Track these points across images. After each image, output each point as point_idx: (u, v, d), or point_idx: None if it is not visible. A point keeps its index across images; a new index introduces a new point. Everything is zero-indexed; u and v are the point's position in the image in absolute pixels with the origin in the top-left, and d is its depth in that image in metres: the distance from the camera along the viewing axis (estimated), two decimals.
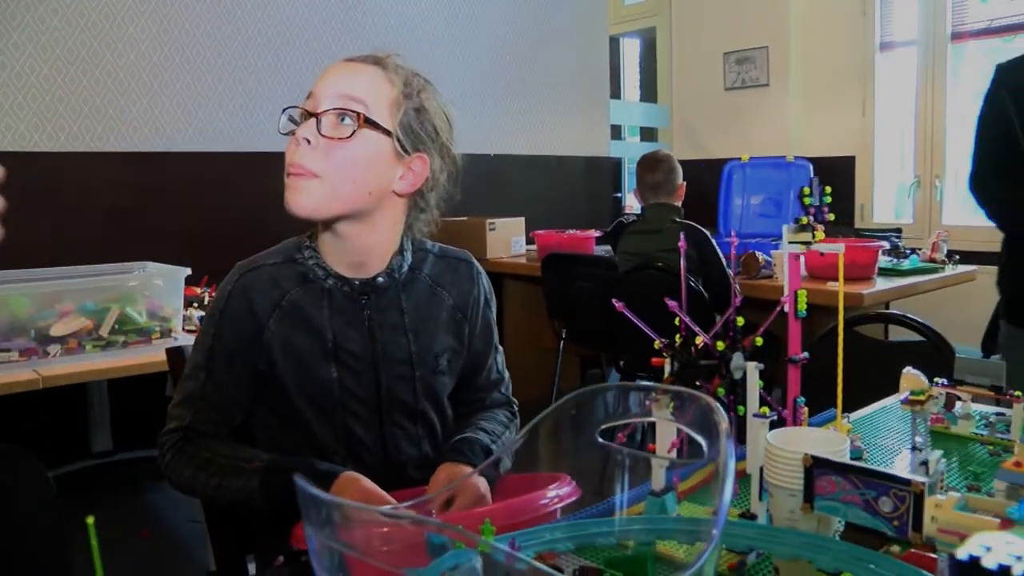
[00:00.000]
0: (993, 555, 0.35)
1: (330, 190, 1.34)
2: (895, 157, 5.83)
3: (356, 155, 1.35)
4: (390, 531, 0.71)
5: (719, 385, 1.05)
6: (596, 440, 0.91)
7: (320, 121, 1.33)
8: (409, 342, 1.47)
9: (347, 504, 0.66)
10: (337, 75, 1.38)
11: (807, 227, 1.30)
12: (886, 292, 3.42)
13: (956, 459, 1.45)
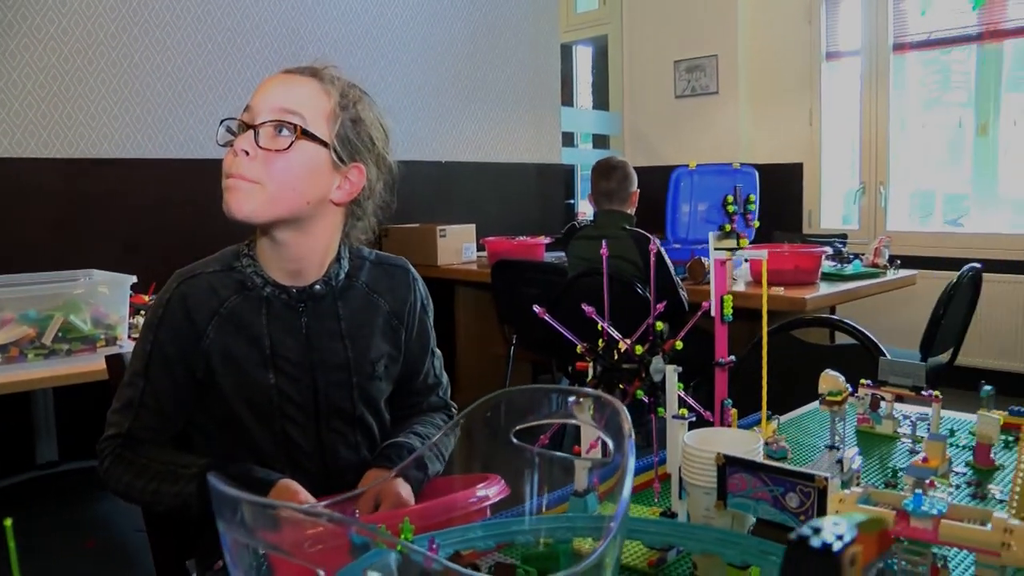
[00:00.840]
0: (819, 535, 0.38)
1: (268, 197, 1.36)
2: (842, 164, 5.95)
3: (293, 166, 1.37)
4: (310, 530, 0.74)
5: (638, 388, 1.08)
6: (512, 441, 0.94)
7: (258, 133, 1.35)
8: (346, 348, 1.49)
9: (262, 502, 0.67)
10: (274, 88, 1.40)
11: (732, 234, 1.33)
12: (829, 297, 3.49)
13: (878, 457, 1.50)
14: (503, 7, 5.28)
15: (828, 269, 3.81)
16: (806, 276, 3.52)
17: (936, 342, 3.59)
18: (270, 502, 0.66)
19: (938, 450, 1.24)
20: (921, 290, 4.45)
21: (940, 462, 1.23)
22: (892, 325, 4.98)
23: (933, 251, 5.17)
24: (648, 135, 6.27)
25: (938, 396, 1.55)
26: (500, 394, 0.91)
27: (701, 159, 5.62)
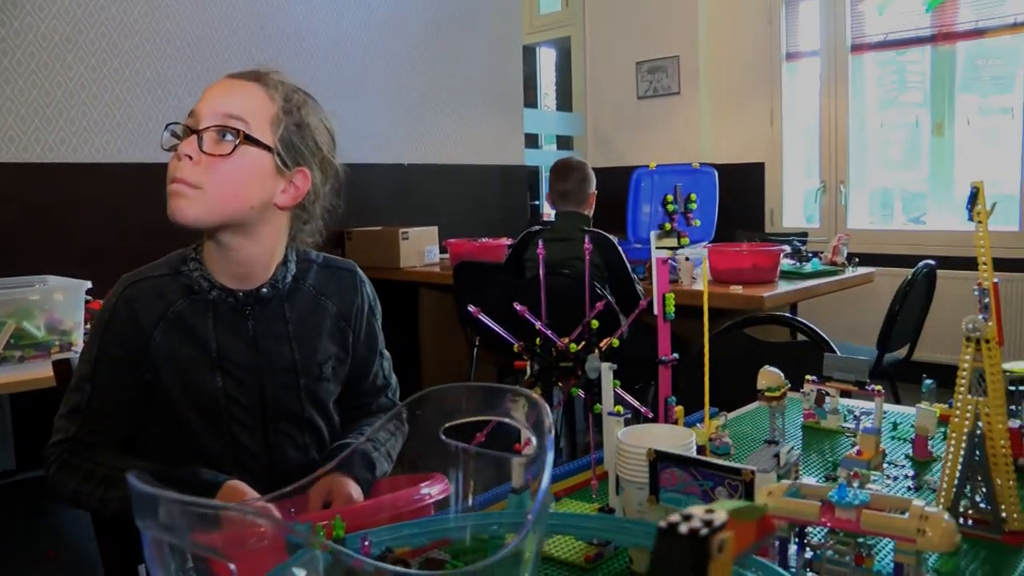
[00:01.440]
0: (688, 522, 0.39)
1: (212, 202, 1.37)
2: (803, 163, 6.02)
3: (237, 170, 1.38)
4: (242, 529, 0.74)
5: (573, 385, 1.09)
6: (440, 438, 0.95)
7: (201, 138, 1.35)
8: (293, 351, 1.50)
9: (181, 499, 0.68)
10: (218, 93, 1.41)
11: (672, 233, 1.34)
12: (787, 295, 3.52)
13: (822, 451, 1.52)
14: (465, 9, 5.29)
15: (787, 267, 3.85)
16: (764, 274, 3.56)
17: (893, 338, 3.64)
18: (191, 500, 0.67)
19: (871, 443, 1.26)
20: (879, 287, 4.51)
21: (873, 454, 1.26)
22: (851, 322, 5.04)
23: (891, 248, 5.24)
24: (611, 136, 6.31)
25: (880, 391, 1.57)
26: (430, 391, 0.92)
27: (663, 159, 5.67)
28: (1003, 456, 1.14)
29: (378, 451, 1.49)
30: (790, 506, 0.93)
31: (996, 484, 1.15)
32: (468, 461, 1.00)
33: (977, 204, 1.16)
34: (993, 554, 1.12)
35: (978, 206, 1.16)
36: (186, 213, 1.36)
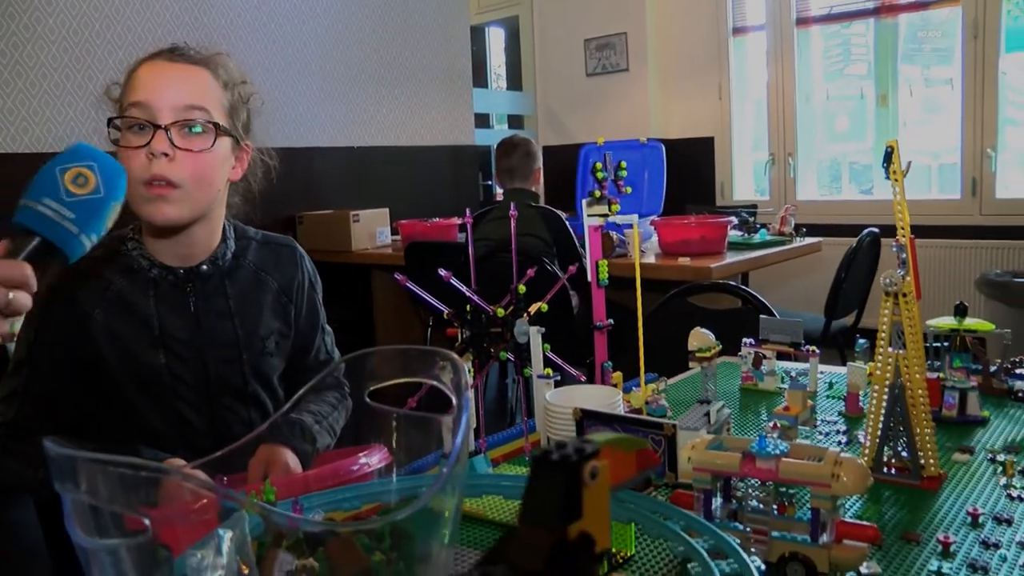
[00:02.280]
0: (561, 451, 0.41)
1: (193, 199, 1.39)
2: (752, 136, 6.07)
3: (213, 163, 1.41)
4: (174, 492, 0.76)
5: (502, 349, 1.11)
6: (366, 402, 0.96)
7: (169, 132, 1.35)
8: (235, 327, 1.51)
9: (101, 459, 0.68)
10: (172, 83, 1.39)
11: (603, 200, 1.36)
12: (735, 265, 3.56)
13: (759, 412, 1.56)
14: None
15: (735, 239, 3.89)
16: (713, 246, 3.59)
17: (839, 305, 3.71)
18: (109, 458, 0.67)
19: (798, 398, 1.30)
20: (827, 256, 4.57)
21: (800, 409, 1.29)
22: (800, 290, 5.12)
23: (839, 219, 5.31)
24: (561, 114, 6.32)
25: (814, 351, 1.62)
26: (353, 356, 0.93)
27: (614, 136, 5.69)
28: (922, 406, 1.18)
29: (320, 424, 1.50)
30: (712, 458, 0.95)
31: (915, 433, 1.18)
32: (399, 426, 1.01)
33: (893, 164, 1.19)
34: (912, 498, 1.16)
35: (893, 166, 1.19)
36: (170, 215, 1.37)
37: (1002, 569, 0.97)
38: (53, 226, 1.00)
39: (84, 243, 1.04)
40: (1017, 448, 1.33)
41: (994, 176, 4.99)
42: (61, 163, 1.03)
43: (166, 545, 0.83)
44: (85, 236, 1.03)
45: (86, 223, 1.03)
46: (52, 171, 1.02)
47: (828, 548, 0.92)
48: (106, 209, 1.06)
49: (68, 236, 1.02)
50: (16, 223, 1.01)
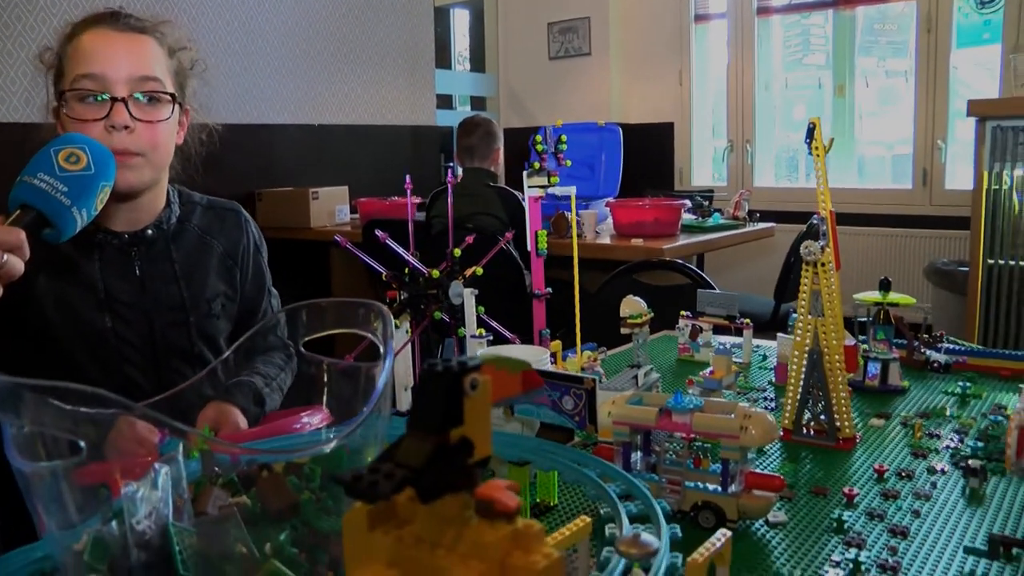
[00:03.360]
0: (446, 363, 0.45)
1: (154, 166, 1.44)
2: (711, 123, 6.15)
3: (169, 131, 1.46)
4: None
5: (436, 309, 1.15)
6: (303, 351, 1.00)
7: (127, 104, 1.38)
8: (181, 289, 1.53)
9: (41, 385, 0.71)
10: (122, 53, 1.41)
11: (542, 172, 1.40)
12: (688, 246, 3.64)
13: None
14: None
15: (689, 222, 3.96)
16: (666, 228, 3.66)
17: (789, 289, 3.79)
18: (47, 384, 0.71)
19: (722, 363, 1.36)
20: (780, 242, 4.65)
21: (725, 373, 1.35)
22: (752, 274, 5.21)
23: (794, 206, 5.39)
24: (523, 96, 6.35)
25: (748, 323, 1.67)
26: (286, 309, 0.97)
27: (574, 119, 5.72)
28: (839, 371, 1.24)
29: (269, 386, 1.53)
30: (631, 412, 1.01)
31: (832, 397, 1.25)
32: (331, 379, 1.05)
33: (815, 140, 1.25)
34: (828, 458, 1.22)
35: (816, 142, 1.24)
36: (133, 182, 1.42)
37: (896, 515, 1.03)
38: (47, 198, 1.11)
39: (75, 217, 1.14)
40: (929, 414, 1.40)
41: (944, 168, 5.10)
42: (55, 145, 1.16)
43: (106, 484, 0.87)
44: (76, 210, 1.14)
45: (78, 197, 1.15)
46: (47, 152, 1.15)
47: (737, 497, 0.97)
48: (96, 187, 1.17)
49: (60, 208, 1.12)
50: (13, 197, 1.12)
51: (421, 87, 5.56)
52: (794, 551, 0.95)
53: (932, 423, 1.36)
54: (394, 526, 0.48)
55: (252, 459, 0.92)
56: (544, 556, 0.45)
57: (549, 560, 0.45)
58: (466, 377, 0.45)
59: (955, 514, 1.04)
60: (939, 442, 1.27)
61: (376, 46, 5.27)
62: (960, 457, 1.19)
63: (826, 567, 0.91)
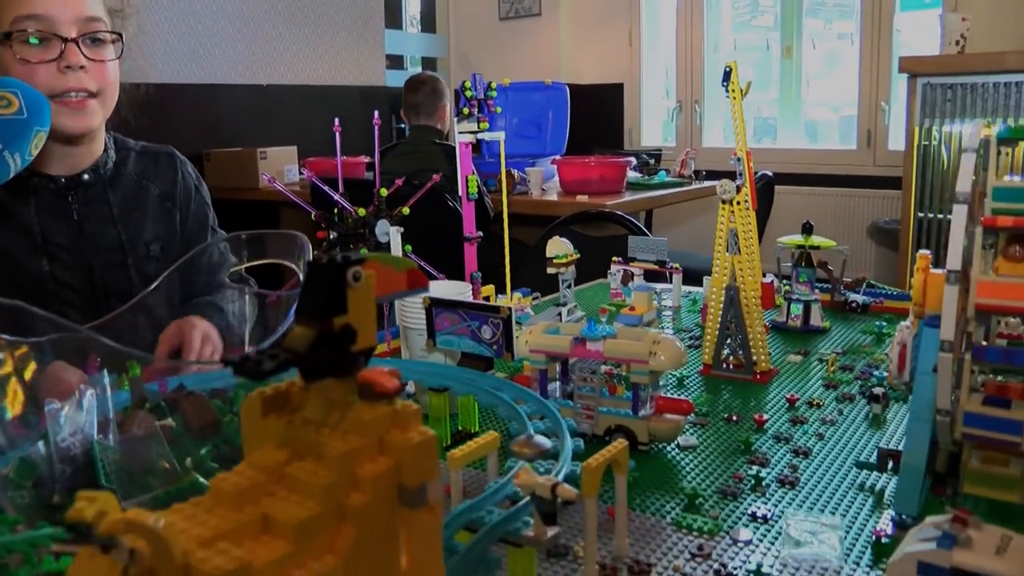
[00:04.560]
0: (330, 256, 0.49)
1: (107, 106, 1.47)
2: (662, 84, 6.18)
3: (116, 70, 1.48)
4: None
5: (363, 247, 1.18)
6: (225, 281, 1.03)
7: (79, 44, 1.40)
8: (119, 232, 1.55)
9: None
10: None
11: (472, 118, 1.43)
12: (633, 203, 3.68)
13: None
14: None
15: (634, 179, 4.01)
16: (611, 185, 3.70)
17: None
18: None
19: (643, 299, 1.40)
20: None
21: (645, 310, 1.39)
22: (702, 231, 5.27)
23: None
24: (473, 57, 6.34)
25: (677, 267, 1.72)
26: (206, 244, 0.99)
27: (525, 80, 5.74)
28: (755, 307, 1.29)
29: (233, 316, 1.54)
30: (547, 340, 1.05)
31: (749, 332, 1.30)
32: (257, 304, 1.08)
33: (732, 83, 1.29)
34: (746, 391, 1.28)
35: (732, 85, 1.29)
36: (91, 123, 1.45)
37: (802, 439, 1.09)
38: None
39: (7, 161, 1.15)
40: (845, 350, 1.46)
41: (887, 129, 5.19)
42: None
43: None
44: (8, 154, 1.16)
45: (10, 141, 1.17)
46: None
47: (647, 420, 1.02)
48: (29, 132, 1.19)
49: None
50: None
51: (370, 47, 5.53)
52: (701, 470, 1.00)
53: (847, 359, 1.42)
54: (287, 412, 0.51)
55: (179, 384, 0.95)
56: (419, 433, 0.49)
57: (423, 437, 0.48)
58: (349, 269, 0.49)
59: (856, 436, 1.10)
60: (851, 375, 1.34)
61: (325, 6, 5.23)
62: (867, 387, 1.25)
63: (729, 483, 0.96)
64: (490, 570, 0.64)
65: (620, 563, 0.78)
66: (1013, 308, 0.74)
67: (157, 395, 0.94)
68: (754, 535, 0.85)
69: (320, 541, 0.46)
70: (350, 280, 0.49)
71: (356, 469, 0.47)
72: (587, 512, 0.72)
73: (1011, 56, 3.09)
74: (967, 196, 0.74)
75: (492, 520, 0.65)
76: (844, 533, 0.84)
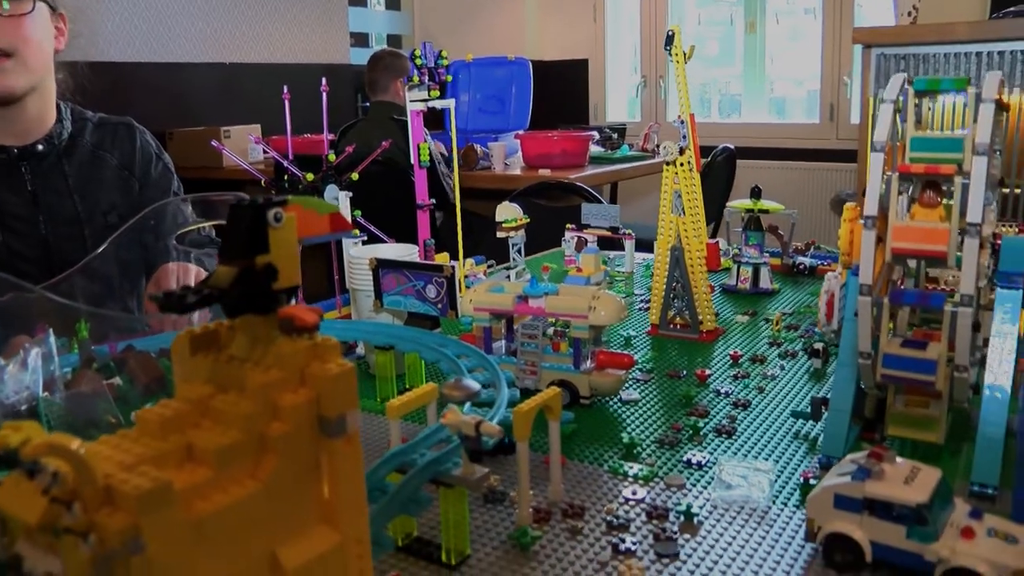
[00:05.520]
0: (252, 198, 0.51)
1: (29, 66, 1.42)
2: (627, 59, 6.20)
3: (37, 26, 1.44)
4: None
5: None
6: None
7: None
8: (75, 203, 1.55)
9: None
10: None
11: (423, 85, 1.44)
12: (595, 176, 3.70)
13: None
14: None
15: (597, 153, 4.03)
16: (574, 159, 3.72)
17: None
18: None
19: (590, 261, 1.43)
20: None
21: (593, 271, 1.42)
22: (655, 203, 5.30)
23: (707, 140, 5.50)
24: (438, 34, 6.31)
25: (630, 233, 1.75)
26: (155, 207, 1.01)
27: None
28: (699, 267, 1.32)
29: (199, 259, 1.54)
30: (490, 298, 1.07)
31: (694, 292, 1.33)
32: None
33: (674, 47, 1.31)
34: (692, 349, 1.31)
35: (675, 48, 1.31)
36: (11, 85, 1.41)
37: (743, 392, 1.12)
38: None
39: None
40: (792, 311, 1.49)
41: (849, 102, 5.25)
42: None
43: None
44: None
45: None
46: None
47: (588, 375, 1.05)
48: None
49: None
50: None
51: (334, 25, 5.51)
52: (641, 422, 1.03)
53: (794, 319, 1.45)
54: (214, 351, 0.53)
55: (128, 344, 0.97)
56: (338, 366, 0.51)
57: (342, 369, 0.51)
58: (270, 210, 0.51)
59: (796, 389, 1.13)
60: (795, 333, 1.37)
61: None
62: (810, 344, 1.28)
63: (668, 433, 0.99)
64: (421, 507, 0.66)
65: (555, 507, 0.81)
66: (926, 251, 0.77)
67: (106, 356, 0.96)
68: (687, 480, 0.88)
69: (242, 468, 0.49)
70: (271, 221, 0.51)
71: (277, 400, 0.49)
72: (519, 456, 0.75)
73: (960, 27, 3.13)
74: (883, 144, 0.77)
75: (423, 461, 0.68)
76: (775, 477, 0.87)
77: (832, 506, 0.71)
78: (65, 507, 0.42)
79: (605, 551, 0.74)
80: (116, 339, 1.26)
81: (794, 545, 0.75)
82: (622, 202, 4.96)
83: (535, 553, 0.74)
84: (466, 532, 0.72)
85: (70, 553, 0.43)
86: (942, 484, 0.71)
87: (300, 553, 0.50)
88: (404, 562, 0.73)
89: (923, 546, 0.67)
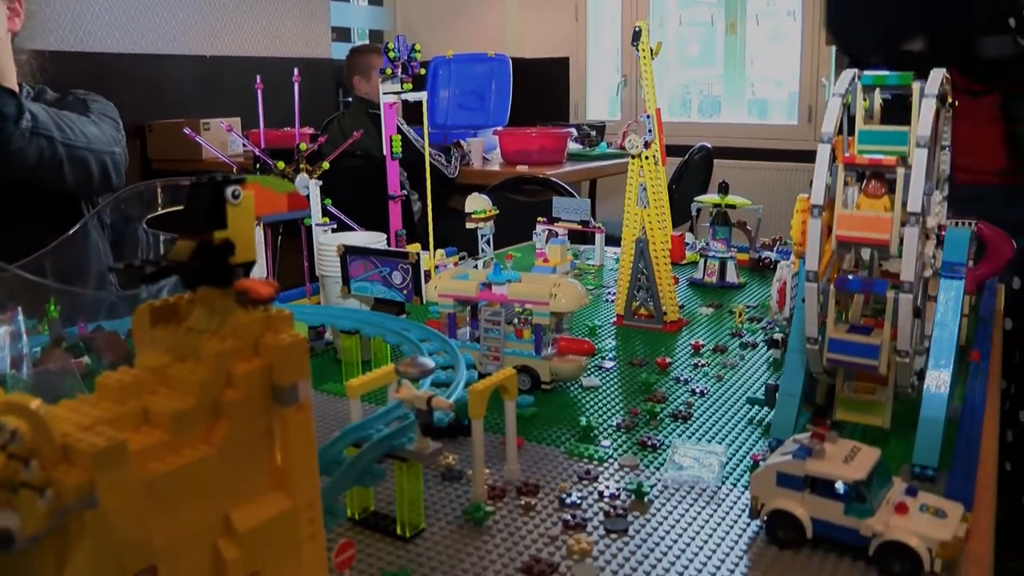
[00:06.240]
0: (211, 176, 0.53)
1: None
2: (609, 58, 6.23)
3: None
4: None
5: None
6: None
7: None
8: None
9: None
10: None
11: (396, 78, 1.47)
12: (572, 173, 3.73)
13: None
14: None
15: (575, 150, 4.06)
16: (552, 156, 3.75)
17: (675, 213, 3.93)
18: None
19: (556, 252, 1.46)
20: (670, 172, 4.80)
21: (559, 261, 1.45)
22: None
23: (684, 140, 5.55)
24: (420, 30, 6.33)
25: (600, 227, 1.78)
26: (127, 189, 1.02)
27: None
28: (663, 259, 1.35)
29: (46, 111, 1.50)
30: (455, 285, 1.09)
31: (658, 283, 1.35)
32: None
33: (641, 43, 1.34)
34: (655, 339, 1.34)
35: (642, 44, 1.34)
36: None
37: (702, 381, 1.15)
38: None
39: None
40: (756, 304, 1.52)
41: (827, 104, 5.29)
42: None
43: None
44: None
45: None
46: None
47: (549, 360, 1.07)
48: None
49: None
50: None
51: (316, 19, 5.51)
52: (600, 407, 1.06)
53: (757, 311, 1.48)
54: (174, 323, 0.55)
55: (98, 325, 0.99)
56: (291, 336, 0.53)
57: (294, 339, 0.53)
58: (228, 187, 0.53)
59: (754, 378, 1.16)
60: (757, 325, 1.40)
61: None
62: (770, 335, 1.31)
63: (625, 417, 1.02)
64: (375, 479, 0.69)
65: (510, 485, 0.83)
66: (869, 239, 0.80)
67: (75, 336, 0.98)
68: (640, 462, 0.90)
69: (196, 432, 0.51)
70: (229, 198, 0.53)
71: (231, 368, 0.52)
72: (474, 434, 0.77)
73: None
74: (830, 136, 0.80)
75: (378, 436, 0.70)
76: (727, 460, 0.90)
77: (775, 484, 0.74)
78: (23, 463, 0.44)
79: (556, 526, 0.77)
80: (86, 320, 1.28)
81: (740, 523, 0.78)
82: (600, 199, 5.00)
83: (488, 528, 0.76)
84: (420, 507, 0.74)
85: (27, 508, 0.45)
86: (880, 463, 0.74)
87: (252, 516, 0.53)
88: (360, 535, 0.75)
89: (859, 521, 0.70)
